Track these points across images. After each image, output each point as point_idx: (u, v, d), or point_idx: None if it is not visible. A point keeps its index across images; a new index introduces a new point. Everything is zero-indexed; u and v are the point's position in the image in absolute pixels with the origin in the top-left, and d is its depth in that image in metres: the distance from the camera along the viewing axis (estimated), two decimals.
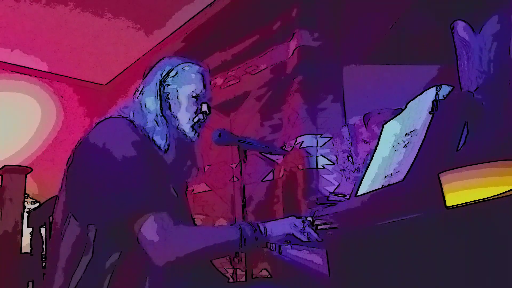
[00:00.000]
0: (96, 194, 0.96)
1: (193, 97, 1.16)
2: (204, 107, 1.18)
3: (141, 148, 0.99)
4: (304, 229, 1.09)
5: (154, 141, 1.07)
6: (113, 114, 1.09)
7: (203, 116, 1.18)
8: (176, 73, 1.16)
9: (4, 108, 3.53)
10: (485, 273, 0.58)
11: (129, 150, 0.97)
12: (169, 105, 1.14)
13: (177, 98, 1.15)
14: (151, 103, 1.11)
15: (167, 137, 1.09)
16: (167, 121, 1.12)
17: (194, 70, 1.19)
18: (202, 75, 1.20)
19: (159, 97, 1.13)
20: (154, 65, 1.20)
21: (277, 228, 1.08)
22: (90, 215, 0.96)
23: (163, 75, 1.16)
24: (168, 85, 1.15)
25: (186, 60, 1.20)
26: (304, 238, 1.07)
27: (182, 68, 1.18)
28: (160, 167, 1.06)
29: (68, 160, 1.04)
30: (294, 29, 2.24)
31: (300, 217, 1.12)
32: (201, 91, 1.18)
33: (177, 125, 1.14)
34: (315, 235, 1.08)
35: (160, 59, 1.22)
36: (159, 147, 1.07)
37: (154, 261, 0.91)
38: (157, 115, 1.10)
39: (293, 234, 1.07)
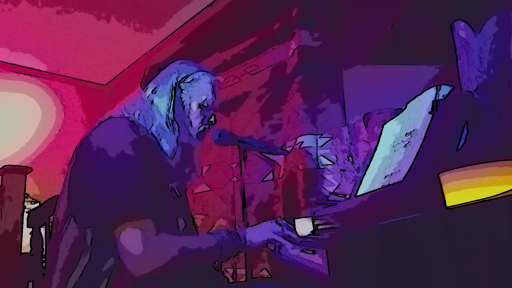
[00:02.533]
0: (91, 195, 0.95)
1: (204, 106, 1.19)
2: (212, 118, 1.22)
3: (138, 149, 0.97)
4: (283, 232, 1.11)
5: (160, 144, 1.07)
6: (115, 114, 1.08)
7: (209, 126, 1.21)
8: (192, 79, 1.19)
9: (4, 108, 3.53)
10: (485, 273, 0.58)
11: (123, 152, 0.96)
12: (181, 110, 1.15)
13: (190, 104, 1.17)
14: (164, 105, 1.12)
15: (176, 141, 1.10)
16: (178, 125, 1.12)
17: (208, 80, 1.22)
18: (213, 85, 1.23)
19: (172, 100, 1.14)
20: (166, 67, 1.21)
21: (256, 235, 1.09)
22: (87, 217, 0.95)
23: (179, 79, 1.17)
24: (182, 91, 1.17)
25: (201, 68, 1.23)
26: (284, 242, 1.10)
27: (199, 76, 1.20)
28: (161, 169, 1.05)
29: (71, 160, 1.04)
30: (294, 29, 2.24)
31: (276, 220, 1.14)
32: (212, 102, 1.21)
33: (186, 130, 1.15)
34: (294, 235, 1.10)
35: (174, 61, 1.23)
36: (166, 152, 1.08)
37: (130, 271, 0.90)
38: (168, 118, 1.11)
39: (274, 240, 1.09)
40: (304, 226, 1.13)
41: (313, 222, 1.12)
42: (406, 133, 1.02)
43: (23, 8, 2.88)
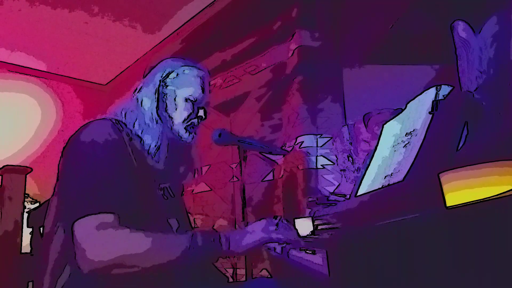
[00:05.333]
0: (70, 197, 0.95)
1: (190, 100, 1.16)
2: (201, 112, 1.17)
3: (116, 148, 0.98)
4: (277, 228, 1.03)
5: (143, 140, 1.07)
6: (105, 115, 1.10)
7: (198, 121, 1.18)
8: (177, 74, 1.17)
9: (4, 108, 3.53)
10: (485, 273, 0.58)
11: (96, 151, 0.96)
12: (166, 106, 1.14)
13: (174, 100, 1.15)
14: (147, 101, 1.12)
15: (159, 137, 1.09)
16: (162, 121, 1.12)
17: (195, 73, 1.19)
18: (202, 79, 1.20)
19: (156, 96, 1.13)
20: (155, 66, 1.21)
21: (246, 238, 1.01)
22: (70, 219, 0.93)
23: (163, 76, 1.16)
24: (167, 86, 1.16)
25: (188, 63, 1.20)
26: (281, 238, 1.02)
27: (183, 70, 1.18)
28: (148, 169, 1.05)
29: (59, 162, 1.05)
30: (294, 29, 2.24)
31: (273, 217, 1.07)
32: (199, 95, 1.17)
33: (171, 126, 1.14)
34: (291, 236, 1.03)
35: (162, 60, 1.23)
36: (149, 148, 1.07)
37: (78, 265, 0.86)
38: (152, 114, 1.11)
39: (270, 239, 1.02)
40: (304, 226, 1.13)
41: (313, 222, 1.12)
42: (406, 133, 1.01)
43: (23, 8, 2.88)
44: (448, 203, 0.62)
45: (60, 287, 0.92)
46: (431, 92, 0.98)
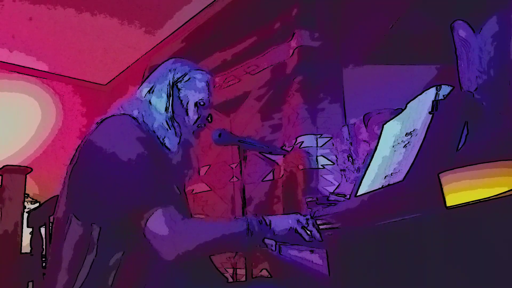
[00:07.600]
0: (101, 192, 0.96)
1: (200, 104, 1.20)
2: (208, 116, 1.22)
3: (146, 144, 0.99)
4: (307, 226, 1.09)
5: (164, 142, 1.09)
6: (115, 112, 1.09)
7: (205, 125, 1.22)
8: (189, 78, 1.19)
9: (4, 108, 3.53)
10: (485, 273, 0.58)
11: (133, 146, 0.97)
12: (180, 108, 1.17)
13: (187, 103, 1.18)
14: (162, 104, 1.14)
15: (179, 139, 1.12)
16: (178, 123, 1.14)
17: (205, 79, 1.23)
18: (210, 84, 1.24)
19: (171, 99, 1.15)
20: (160, 64, 1.22)
21: (281, 222, 1.07)
22: (93, 214, 0.96)
23: (175, 78, 1.18)
24: (179, 90, 1.18)
25: (197, 67, 1.24)
26: (306, 237, 1.07)
27: (195, 75, 1.21)
28: (165, 164, 1.07)
29: (72, 159, 1.05)
30: (294, 29, 2.24)
31: (305, 215, 1.12)
32: (207, 100, 1.21)
33: (185, 128, 1.16)
34: (317, 235, 1.07)
35: (168, 59, 1.24)
36: (168, 149, 1.10)
37: (163, 256, 0.91)
38: (167, 117, 1.12)
39: (296, 230, 1.07)
40: None
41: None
42: (406, 133, 1.01)
43: (23, 8, 2.88)
44: (448, 203, 0.62)
45: (81, 280, 0.93)
46: (431, 92, 0.98)
